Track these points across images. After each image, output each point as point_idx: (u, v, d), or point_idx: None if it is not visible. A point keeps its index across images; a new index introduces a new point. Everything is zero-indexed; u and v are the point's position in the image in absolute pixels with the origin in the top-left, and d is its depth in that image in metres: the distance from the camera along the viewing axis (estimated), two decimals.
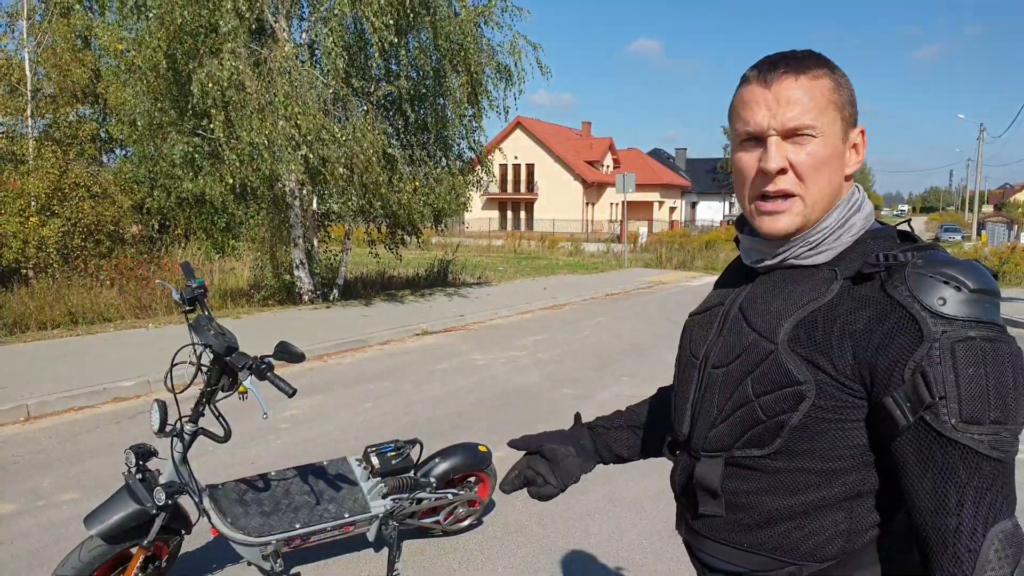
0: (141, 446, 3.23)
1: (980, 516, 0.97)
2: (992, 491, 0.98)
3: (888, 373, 1.03)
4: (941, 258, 1.05)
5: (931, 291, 1.01)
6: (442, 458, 3.99)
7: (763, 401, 1.14)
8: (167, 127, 12.49)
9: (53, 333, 10.18)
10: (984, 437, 0.97)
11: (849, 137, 1.18)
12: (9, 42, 18.74)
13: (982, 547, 0.97)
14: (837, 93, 1.16)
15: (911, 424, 1.01)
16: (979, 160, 48.82)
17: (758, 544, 1.19)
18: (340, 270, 14.74)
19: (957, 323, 0.99)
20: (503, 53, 14.13)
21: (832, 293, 1.12)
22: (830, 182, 1.16)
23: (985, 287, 1.01)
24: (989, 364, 0.98)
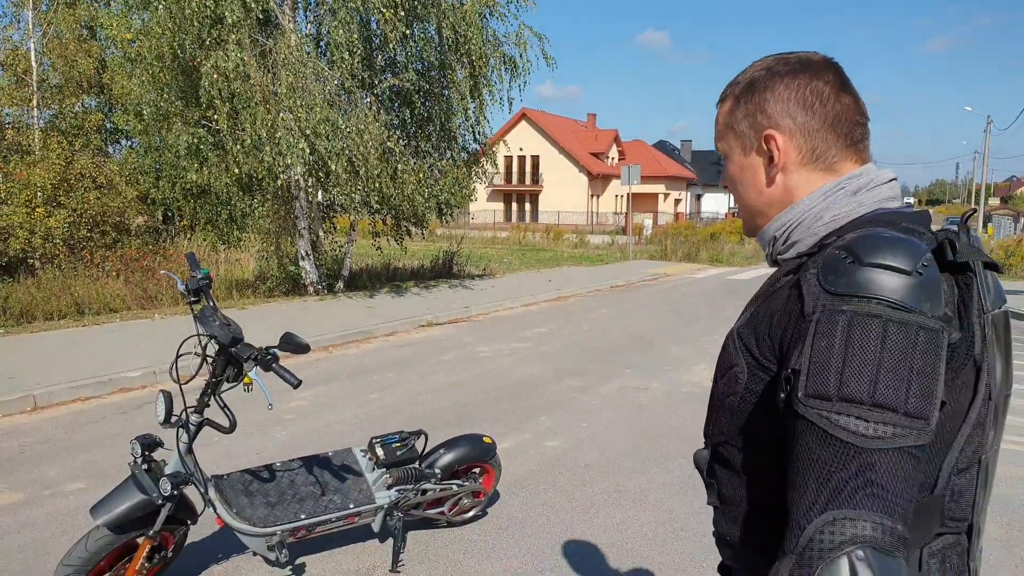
0: (147, 436, 3.24)
1: (821, 495, 0.90)
2: (840, 475, 0.89)
3: (786, 351, 1.03)
4: (864, 233, 1.01)
5: (829, 267, 0.99)
6: (447, 449, 4.00)
7: (719, 385, 1.20)
8: (172, 117, 12.49)
9: (59, 323, 10.21)
10: (831, 415, 0.91)
11: (754, 148, 1.22)
12: (15, 32, 18.76)
13: (809, 525, 0.90)
14: (732, 114, 1.23)
15: (782, 399, 0.99)
16: (986, 153, 48.58)
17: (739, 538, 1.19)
18: (345, 261, 14.74)
19: (835, 297, 0.95)
20: (508, 44, 14.09)
21: (782, 281, 1.13)
22: (747, 195, 1.25)
23: (882, 261, 0.94)
24: (852, 339, 0.92)
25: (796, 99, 1.16)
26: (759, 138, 1.20)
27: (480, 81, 13.67)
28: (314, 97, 11.27)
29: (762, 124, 1.19)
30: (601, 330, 10.98)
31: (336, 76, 11.88)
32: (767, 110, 1.18)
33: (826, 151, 1.16)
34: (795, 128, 1.17)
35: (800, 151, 1.17)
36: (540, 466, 5.23)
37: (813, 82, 1.16)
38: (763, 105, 1.19)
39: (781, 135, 1.17)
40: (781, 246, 1.20)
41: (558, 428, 6.11)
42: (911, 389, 0.89)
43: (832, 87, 1.16)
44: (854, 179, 1.16)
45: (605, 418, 6.40)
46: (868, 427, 0.89)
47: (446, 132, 14.16)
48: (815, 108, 1.16)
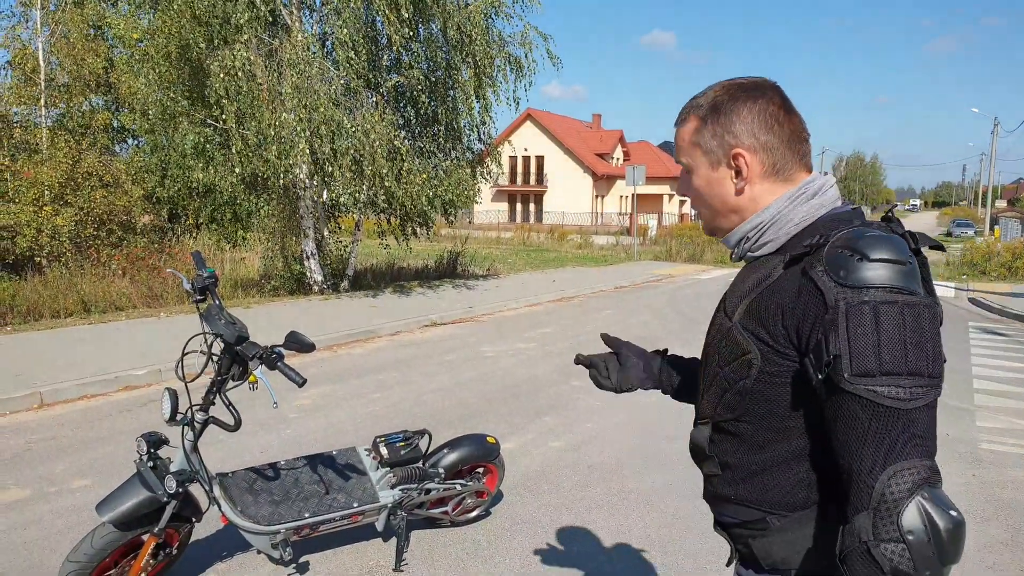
0: (152, 434, 3.26)
1: (879, 456, 1.10)
2: (891, 435, 1.10)
3: (807, 339, 1.20)
4: (856, 234, 1.19)
5: (838, 264, 1.17)
6: (451, 449, 4.00)
7: (725, 372, 1.36)
8: (179, 117, 12.53)
9: (66, 321, 10.25)
10: (877, 387, 1.10)
11: (722, 163, 1.38)
12: (23, 31, 18.83)
13: (877, 481, 1.09)
14: (697, 133, 1.40)
15: (820, 381, 1.17)
16: (992, 154, 48.44)
17: (742, 497, 1.37)
18: (350, 261, 14.77)
19: (854, 290, 1.14)
20: (513, 44, 14.10)
21: (776, 274, 1.30)
22: (712, 205, 1.43)
23: (884, 256, 1.14)
24: (881, 323, 1.11)
25: (759, 121, 1.34)
26: (727, 155, 1.37)
27: (485, 81, 13.68)
28: (319, 96, 11.29)
29: (730, 143, 1.36)
30: (606, 331, 10.96)
31: (342, 76, 11.90)
32: (733, 130, 1.36)
33: (784, 165, 1.36)
34: (758, 146, 1.35)
35: (763, 165, 1.35)
36: (544, 466, 5.24)
37: (770, 106, 1.35)
38: (729, 126, 1.36)
39: (748, 152, 1.35)
40: (753, 244, 1.38)
41: (562, 428, 6.12)
42: (929, 355, 1.13)
43: (783, 109, 1.36)
44: (810, 185, 1.36)
45: (609, 419, 6.41)
46: (906, 392, 1.10)
47: (451, 132, 14.17)
48: (774, 129, 1.34)
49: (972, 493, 4.91)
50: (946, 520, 1.07)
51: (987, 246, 25.04)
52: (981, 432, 6.27)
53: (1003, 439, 6.10)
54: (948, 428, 6.35)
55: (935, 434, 1.14)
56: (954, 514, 1.08)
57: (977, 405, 7.13)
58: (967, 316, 13.84)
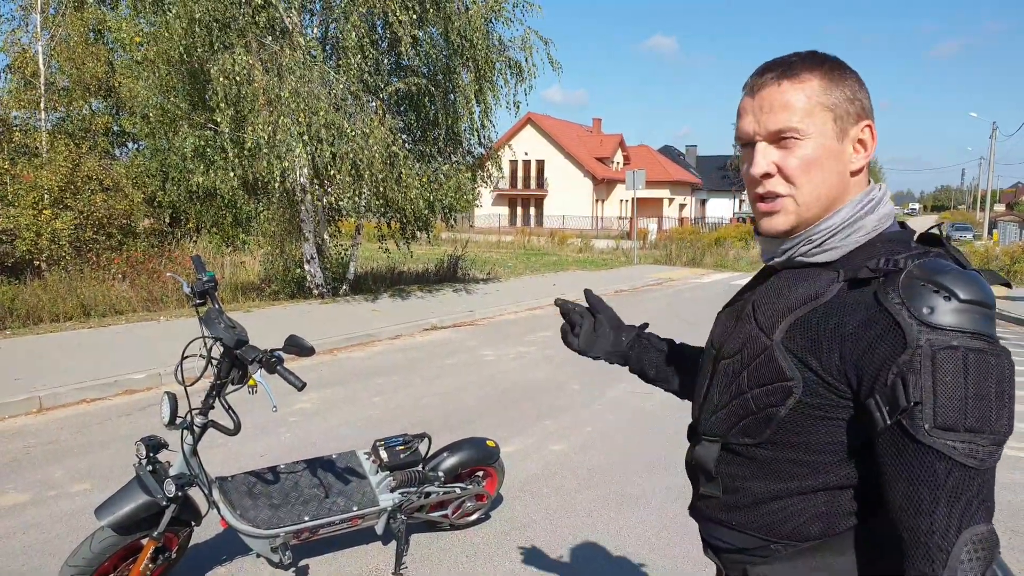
0: (151, 438, 3.25)
1: (954, 518, 1.00)
2: (966, 496, 1.00)
3: (873, 377, 1.06)
4: (938, 266, 1.07)
5: (920, 299, 1.04)
6: (450, 452, 4.00)
7: (755, 393, 1.21)
8: (179, 120, 12.54)
9: (66, 325, 10.24)
10: (958, 444, 1.00)
11: (849, 134, 1.19)
12: (24, 35, 18.85)
13: (954, 547, 1.00)
14: (827, 94, 1.18)
15: (889, 426, 1.04)
16: (991, 158, 48.48)
17: (746, 524, 1.28)
18: (350, 265, 14.77)
19: (941, 331, 1.01)
20: (514, 48, 14.12)
21: (831, 295, 1.15)
22: (824, 181, 1.19)
23: (976, 298, 1.03)
24: (970, 374, 1.00)
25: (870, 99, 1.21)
26: (859, 123, 1.20)
27: (485, 85, 13.70)
28: (319, 101, 11.31)
29: (861, 113, 1.20)
30: None
31: (342, 80, 11.91)
32: (862, 99, 1.20)
33: None
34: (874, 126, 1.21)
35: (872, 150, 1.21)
36: (544, 470, 5.23)
37: None
38: (857, 93, 1.19)
39: (874, 127, 1.20)
40: (811, 248, 1.22)
41: (562, 432, 6.11)
42: (1010, 415, 1.02)
43: None
44: (874, 193, 1.22)
45: (609, 422, 6.40)
46: (985, 451, 1.01)
47: (452, 136, 14.18)
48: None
49: None
50: None
51: (986, 250, 25.06)
52: None
53: None
54: None
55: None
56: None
57: None
58: None
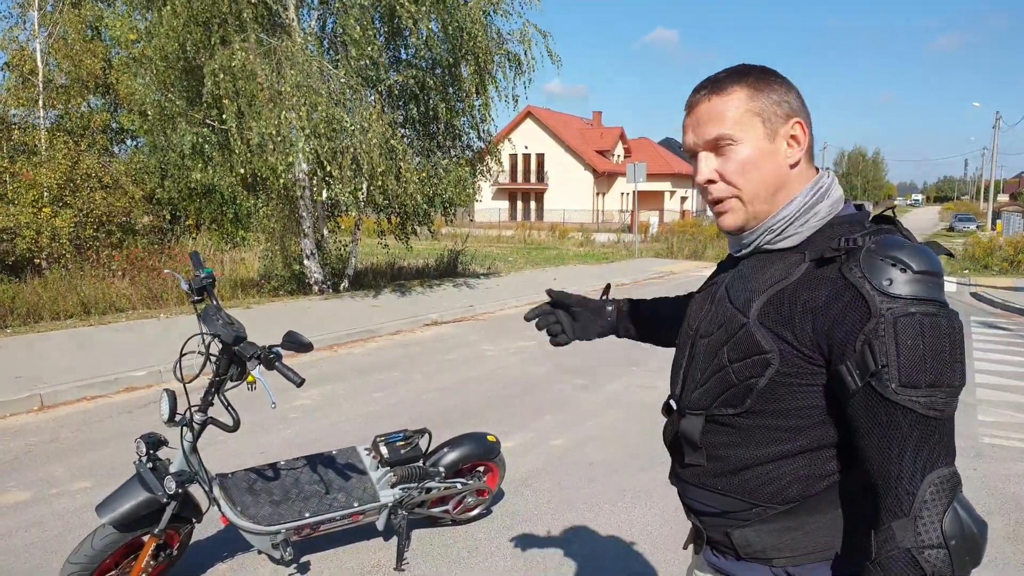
0: (152, 435, 3.25)
1: (919, 464, 1.13)
2: (929, 443, 1.13)
3: (842, 344, 1.18)
4: (893, 242, 1.19)
5: (880, 272, 1.16)
6: (451, 448, 4.00)
7: (736, 367, 1.31)
8: (177, 117, 12.52)
9: (66, 323, 10.25)
10: (921, 399, 1.13)
11: (780, 132, 1.32)
12: (21, 33, 18.81)
13: (919, 489, 1.12)
14: (753, 101, 1.31)
15: (860, 388, 1.17)
16: (994, 149, 48.38)
17: (730, 488, 1.37)
18: (350, 260, 14.76)
19: (900, 300, 1.14)
20: (512, 41, 14.07)
21: (799, 274, 1.27)
22: (763, 179, 1.32)
23: (927, 269, 1.16)
24: (926, 336, 1.13)
25: (798, 98, 1.35)
26: (788, 122, 1.32)
27: (486, 78, 13.67)
28: (319, 95, 11.29)
29: (789, 112, 1.32)
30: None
31: (341, 74, 11.89)
32: (789, 100, 1.33)
33: (811, 151, 1.36)
34: (807, 122, 1.34)
35: (808, 144, 1.34)
36: (545, 464, 5.23)
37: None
38: (784, 96, 1.32)
39: (807, 128, 1.33)
40: (773, 237, 1.34)
41: (563, 426, 6.11)
42: (962, 369, 1.15)
43: None
44: (823, 180, 1.35)
45: (610, 416, 6.40)
46: (943, 402, 1.13)
47: (451, 130, 14.16)
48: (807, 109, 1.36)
49: (974, 487, 4.90)
50: (979, 526, 1.14)
51: (989, 241, 25.02)
52: (983, 426, 6.26)
53: (1005, 433, 6.09)
54: None
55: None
56: (980, 519, 1.15)
57: (979, 399, 7.12)
58: (969, 310, 13.83)
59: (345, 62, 11.98)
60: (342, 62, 12.04)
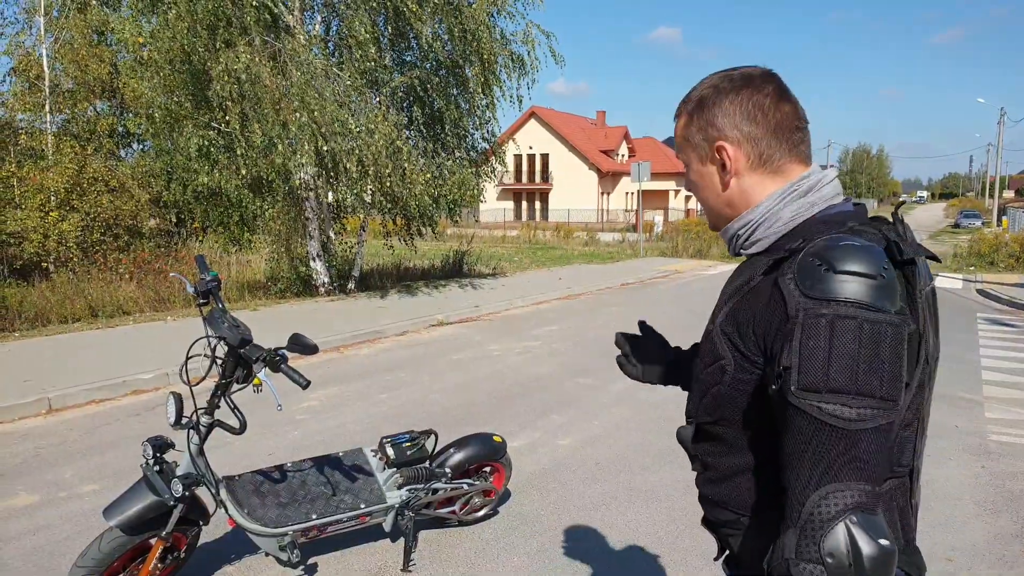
0: (158, 438, 3.26)
1: (814, 475, 1.08)
2: (831, 454, 1.07)
3: (770, 348, 1.18)
4: (832, 242, 1.15)
5: (806, 273, 1.13)
6: (457, 448, 4.00)
7: (704, 374, 1.35)
8: (183, 120, 12.55)
9: (73, 327, 10.29)
10: (821, 404, 1.07)
11: (708, 156, 1.38)
12: (27, 38, 18.88)
13: (807, 500, 1.08)
14: (687, 129, 1.40)
15: (775, 391, 1.15)
16: (999, 145, 48.18)
17: (719, 497, 1.39)
18: (356, 262, 14.78)
19: (815, 301, 1.10)
20: (516, 42, 14.08)
21: (757, 280, 1.26)
22: (707, 197, 1.42)
23: (852, 269, 1.09)
24: (835, 338, 1.07)
25: (741, 112, 1.32)
26: (712, 149, 1.36)
27: (491, 79, 13.67)
28: (324, 97, 11.30)
29: (713, 136, 1.35)
30: (612, 328, 10.95)
31: (346, 77, 11.91)
32: (716, 124, 1.35)
33: (772, 155, 1.33)
34: (742, 138, 1.33)
35: (748, 158, 1.33)
36: (551, 464, 5.23)
37: (755, 96, 1.32)
38: (712, 120, 1.35)
39: (731, 145, 1.33)
40: (744, 242, 1.37)
41: (569, 426, 6.11)
42: (884, 377, 1.07)
43: (772, 98, 1.32)
44: (803, 181, 1.32)
45: (616, 416, 6.39)
46: (852, 412, 1.07)
47: (456, 131, 14.16)
48: (758, 119, 1.32)
49: (981, 485, 4.88)
50: (871, 547, 1.04)
51: (995, 237, 24.93)
52: (990, 423, 6.24)
53: (1012, 430, 6.06)
54: (956, 420, 6.31)
55: (883, 459, 1.10)
56: (883, 543, 1.05)
57: (986, 396, 7.09)
58: (975, 307, 13.77)
59: (350, 64, 12.00)
60: (347, 64, 12.06)
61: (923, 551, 3.87)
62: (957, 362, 8.61)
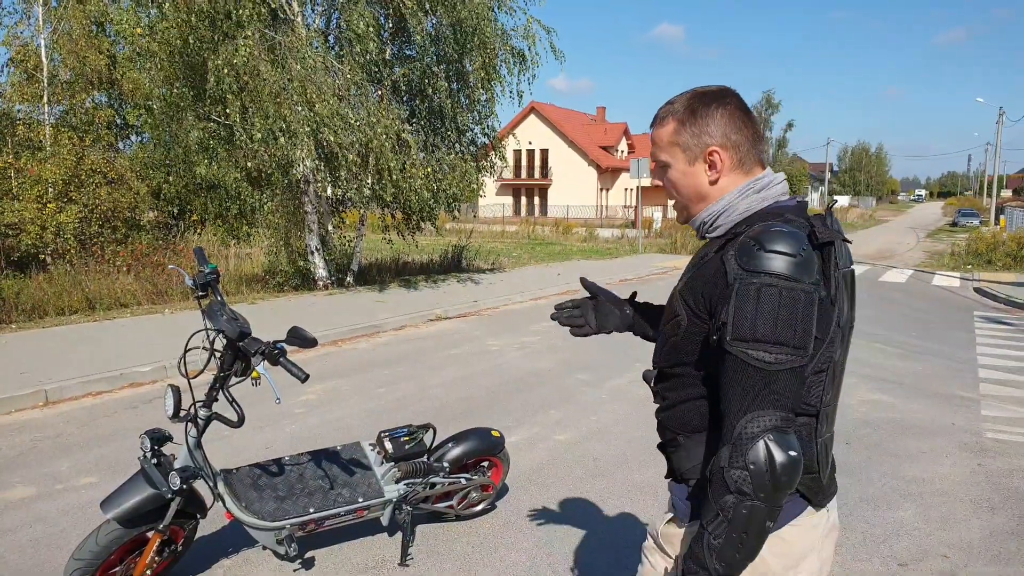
0: (156, 431, 3.26)
1: (744, 404, 1.41)
2: (755, 388, 1.41)
3: (713, 308, 1.51)
4: (766, 228, 1.47)
5: (744, 252, 1.45)
6: (455, 443, 4.00)
7: (666, 328, 1.69)
8: (182, 112, 12.51)
9: (71, 319, 10.27)
10: (747, 350, 1.41)
11: (699, 158, 1.64)
12: (25, 29, 18.82)
13: (738, 423, 1.41)
14: (677, 135, 1.65)
15: (716, 340, 1.48)
16: (998, 144, 48.14)
17: (665, 422, 1.74)
18: (355, 256, 14.76)
19: (748, 272, 1.42)
20: (516, 38, 14.05)
21: (710, 256, 1.58)
22: (685, 193, 1.69)
23: (778, 249, 1.42)
24: (761, 301, 1.40)
25: (730, 123, 1.62)
26: (704, 152, 1.63)
27: (492, 74, 13.65)
28: (323, 91, 11.27)
29: (706, 142, 1.62)
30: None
31: (346, 70, 11.88)
32: (710, 131, 1.62)
33: (746, 160, 1.63)
34: (732, 144, 1.62)
35: (732, 160, 1.63)
36: (549, 459, 5.23)
37: (737, 111, 1.63)
38: (706, 127, 1.62)
39: (723, 151, 1.62)
40: (709, 228, 1.66)
41: (567, 422, 6.11)
42: (796, 331, 1.40)
43: (747, 113, 1.64)
44: (759, 181, 1.63)
45: (614, 411, 6.40)
46: (771, 356, 1.40)
47: (456, 125, 14.13)
48: (742, 130, 1.62)
49: (978, 482, 4.89)
50: (783, 457, 1.37)
51: (993, 236, 24.96)
52: (987, 421, 6.25)
53: (1009, 428, 6.07)
54: (953, 417, 6.32)
55: (797, 394, 1.45)
56: (792, 454, 1.38)
57: (982, 394, 7.10)
58: (972, 305, 13.78)
59: (350, 58, 11.97)
60: (347, 58, 12.03)
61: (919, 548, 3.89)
62: (954, 360, 8.62)
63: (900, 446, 5.62)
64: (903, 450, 5.53)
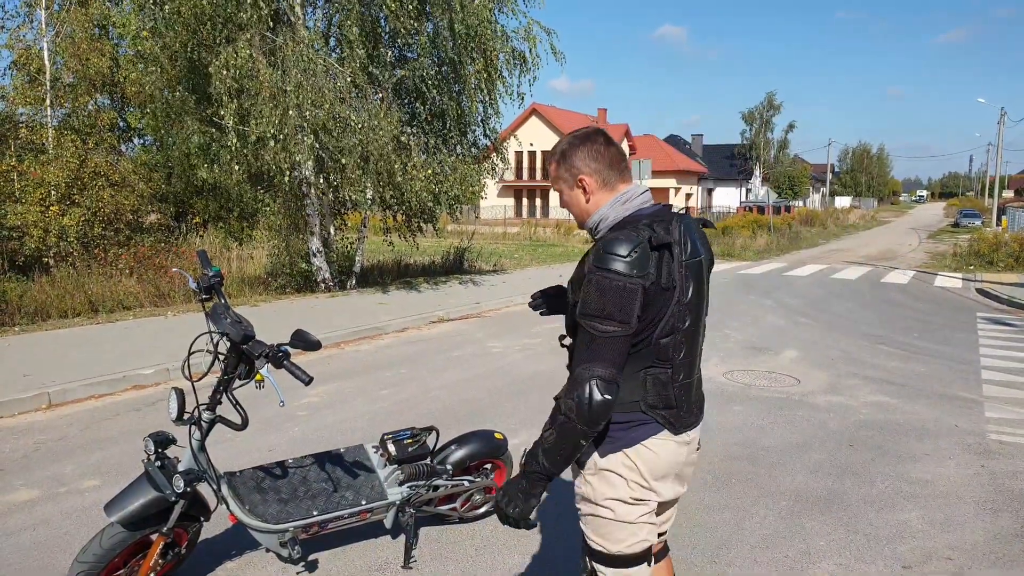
0: (160, 434, 3.26)
1: (584, 358, 2.00)
2: (592, 349, 1.99)
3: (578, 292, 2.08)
4: (612, 237, 2.02)
5: (596, 252, 2.01)
6: (458, 445, 4.00)
7: (568, 309, 2.20)
8: (184, 115, 12.53)
9: (74, 321, 10.28)
10: (589, 322, 1.99)
11: (575, 185, 2.21)
12: (28, 32, 18.84)
13: (576, 372, 2.01)
14: (558, 170, 2.24)
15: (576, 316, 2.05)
16: (999, 145, 48.08)
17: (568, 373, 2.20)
18: (356, 258, 14.77)
19: (595, 268, 1.98)
20: (517, 39, 14.05)
21: (587, 253, 2.10)
22: (575, 209, 2.27)
23: (614, 251, 1.96)
24: (596, 287, 1.98)
25: (589, 156, 2.19)
26: (575, 180, 2.21)
27: (494, 76, 13.65)
28: (323, 93, 11.28)
29: (575, 173, 2.20)
30: None
31: (347, 72, 11.88)
32: (576, 165, 2.20)
33: (608, 179, 2.19)
34: (592, 171, 2.18)
35: (597, 182, 2.19)
36: None
37: (595, 145, 2.19)
38: (573, 162, 2.20)
39: (587, 176, 2.19)
40: (595, 232, 2.21)
41: None
42: (622, 309, 1.96)
43: (604, 145, 2.19)
44: (624, 195, 2.18)
45: None
46: (604, 327, 1.97)
47: (457, 127, 14.14)
48: (599, 158, 2.18)
49: (981, 484, 4.88)
50: (599, 398, 1.95)
51: (995, 236, 24.92)
52: (990, 423, 6.24)
53: (1012, 430, 6.06)
54: (956, 419, 6.31)
55: (621, 356, 2.00)
56: (608, 397, 1.95)
57: (986, 395, 7.09)
58: (975, 307, 13.77)
59: (351, 60, 11.98)
60: (348, 60, 12.04)
61: (923, 550, 3.89)
62: (957, 362, 8.61)
63: (903, 448, 5.62)
64: (906, 452, 5.53)
